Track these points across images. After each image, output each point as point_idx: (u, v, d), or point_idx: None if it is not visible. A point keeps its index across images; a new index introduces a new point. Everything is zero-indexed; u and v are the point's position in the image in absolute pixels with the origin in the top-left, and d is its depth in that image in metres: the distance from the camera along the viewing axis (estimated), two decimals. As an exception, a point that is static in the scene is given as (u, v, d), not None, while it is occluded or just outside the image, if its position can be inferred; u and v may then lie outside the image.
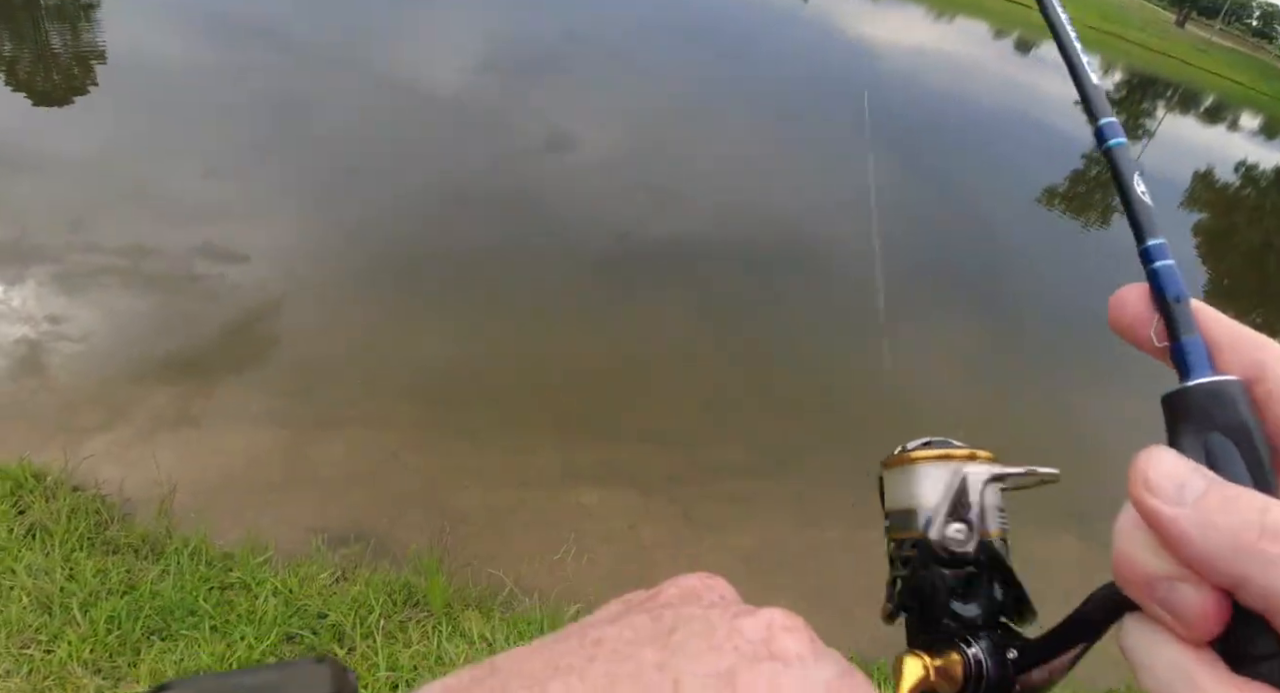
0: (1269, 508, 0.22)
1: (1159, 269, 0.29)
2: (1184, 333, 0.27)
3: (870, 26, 18.48)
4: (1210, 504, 0.23)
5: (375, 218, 4.78)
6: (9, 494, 2.31)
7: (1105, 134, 0.32)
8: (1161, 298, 0.28)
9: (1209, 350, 0.27)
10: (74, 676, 1.84)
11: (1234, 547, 0.22)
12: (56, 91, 6.30)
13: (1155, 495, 0.24)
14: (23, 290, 3.61)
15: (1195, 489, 0.24)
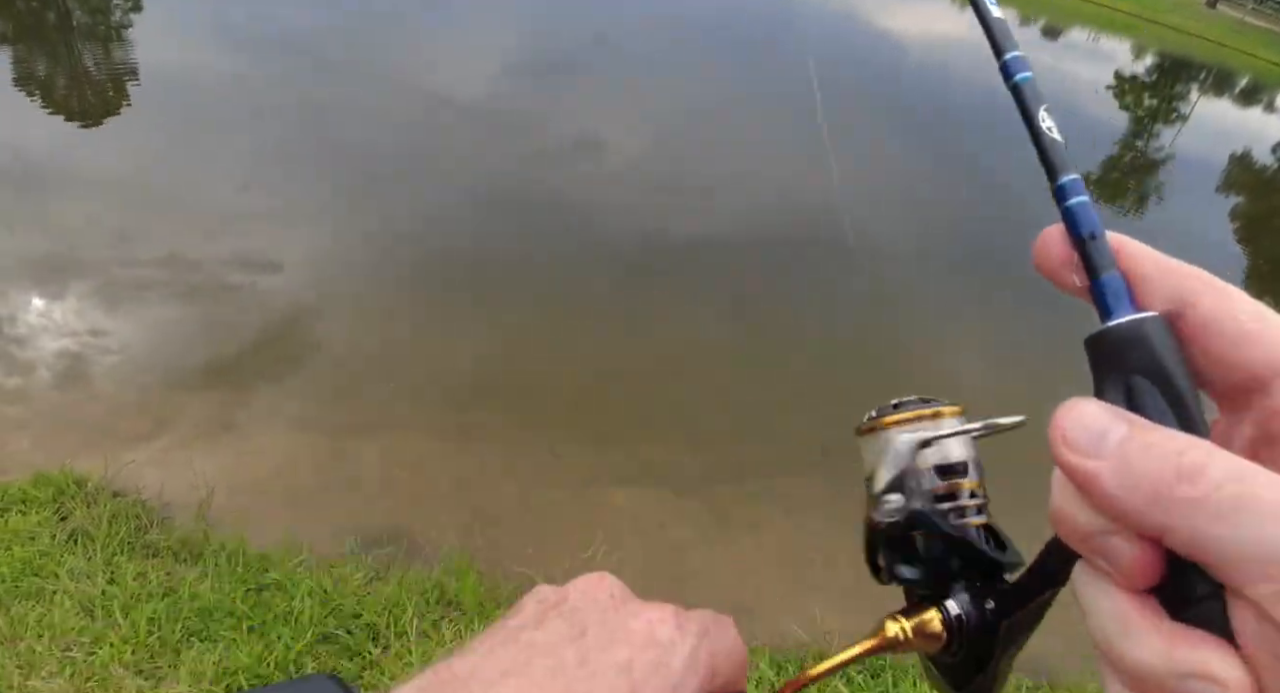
0: (1186, 450, 0.22)
1: (1073, 207, 0.28)
2: (1102, 271, 0.26)
3: (895, 19, 18.28)
4: (1128, 453, 0.22)
5: (405, 224, 4.83)
6: (51, 500, 2.37)
7: (1011, 69, 0.32)
8: (1077, 236, 0.27)
9: (1129, 287, 0.26)
10: (116, 677, 1.87)
11: (1152, 496, 0.21)
12: (92, 110, 6.45)
13: (1073, 450, 0.23)
14: (65, 305, 3.70)
15: (1113, 439, 0.23)
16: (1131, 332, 0.25)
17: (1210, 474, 0.21)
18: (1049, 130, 0.30)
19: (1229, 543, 0.20)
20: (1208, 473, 0.21)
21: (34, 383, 3.13)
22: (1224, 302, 0.25)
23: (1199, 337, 0.25)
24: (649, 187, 6.15)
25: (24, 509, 2.34)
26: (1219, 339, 0.24)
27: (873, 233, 5.93)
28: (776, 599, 2.51)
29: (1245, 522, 0.20)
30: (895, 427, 0.33)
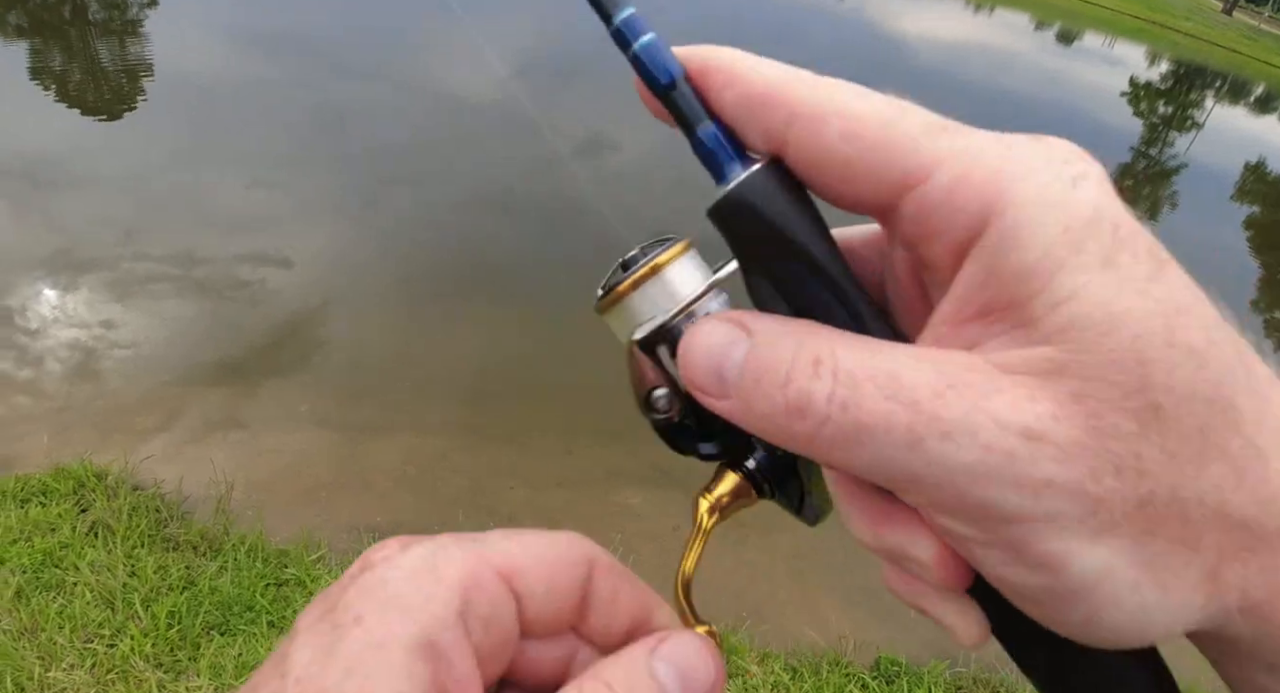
0: (792, 376, 0.19)
1: (640, 51, 0.22)
2: (695, 124, 0.22)
3: (908, 22, 18.25)
4: (746, 392, 0.20)
5: (417, 224, 4.85)
6: (71, 493, 2.39)
7: None
8: (654, 88, 0.22)
9: (733, 137, 0.22)
10: (136, 669, 1.89)
11: (780, 436, 0.20)
12: (106, 105, 6.49)
13: (702, 391, 0.21)
14: (77, 298, 3.73)
15: (731, 371, 0.20)
16: (744, 193, 0.21)
17: (816, 407, 0.19)
18: None
19: (853, 469, 0.20)
20: (814, 405, 0.19)
21: (47, 375, 3.16)
22: (810, 131, 0.20)
23: (810, 177, 0.21)
24: (665, 187, 6.15)
25: (44, 501, 2.36)
26: (824, 177, 0.21)
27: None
28: (789, 603, 2.51)
29: (858, 453, 0.19)
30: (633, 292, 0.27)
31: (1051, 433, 0.17)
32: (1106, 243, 0.18)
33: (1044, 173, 0.19)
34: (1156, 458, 0.18)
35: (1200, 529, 0.18)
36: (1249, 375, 0.18)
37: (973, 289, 0.19)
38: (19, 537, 2.22)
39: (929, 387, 0.18)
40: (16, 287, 3.75)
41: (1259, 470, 0.18)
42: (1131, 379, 0.17)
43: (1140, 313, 0.17)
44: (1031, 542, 0.18)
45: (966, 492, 0.18)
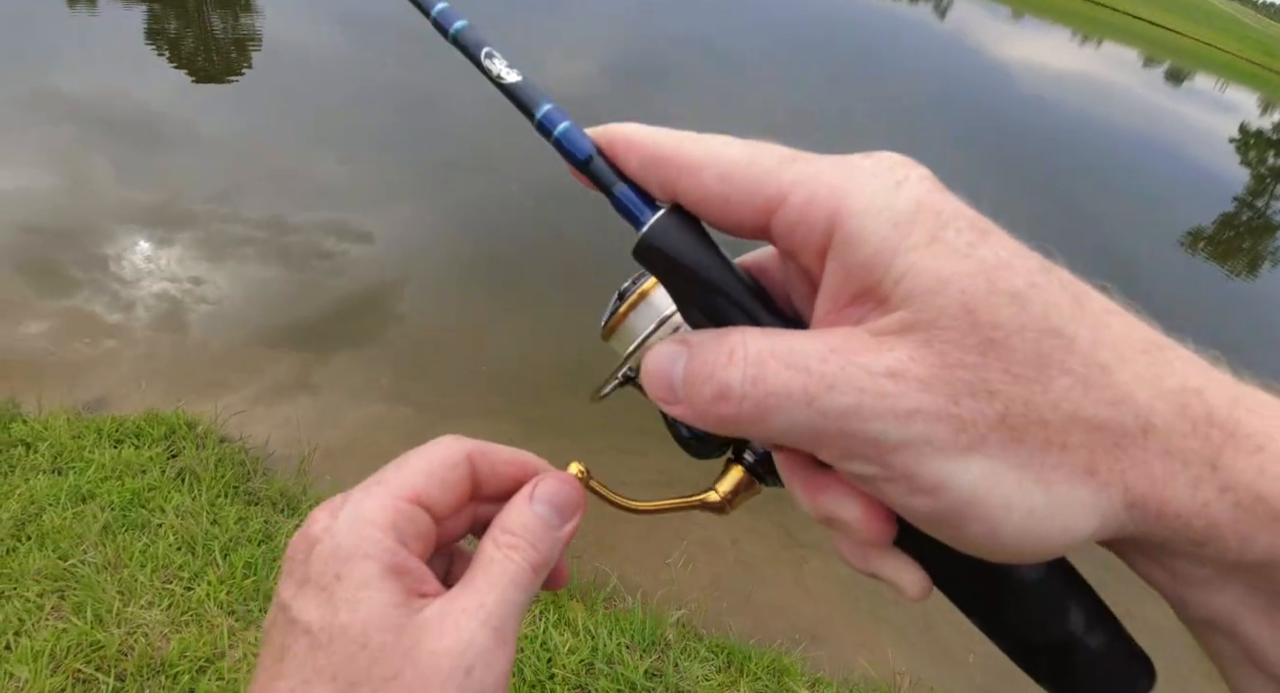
0: (715, 370, 0.23)
1: (560, 136, 0.28)
2: (612, 186, 0.27)
3: (1010, 46, 17.76)
4: (688, 393, 0.24)
5: (499, 210, 4.92)
6: (163, 438, 2.50)
7: (445, 21, 0.31)
8: (576, 163, 0.28)
9: (641, 192, 0.27)
10: (209, 614, 1.96)
11: (717, 423, 0.24)
12: (215, 72, 6.78)
13: (661, 401, 0.26)
14: (170, 252, 3.90)
15: (677, 379, 0.25)
16: (651, 238, 0.26)
17: (733, 389, 0.23)
18: (500, 75, 0.29)
19: (776, 438, 0.23)
20: (731, 387, 0.23)
21: (136, 322, 3.30)
22: (694, 178, 0.25)
23: (702, 216, 0.26)
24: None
25: (137, 443, 2.47)
26: (711, 215, 0.25)
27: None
28: (844, 629, 2.46)
29: (773, 421, 0.23)
30: (631, 314, 0.33)
31: (910, 371, 0.22)
32: (930, 225, 0.22)
33: (872, 183, 0.23)
34: (1002, 379, 0.21)
35: (1063, 431, 0.22)
36: (1079, 309, 0.22)
37: (836, 283, 0.23)
38: (110, 475, 2.33)
39: (816, 354, 0.22)
40: (115, 236, 3.95)
41: (1103, 380, 0.22)
42: (964, 323, 0.21)
43: (962, 271, 0.22)
44: (917, 467, 0.22)
45: (856, 431, 0.22)
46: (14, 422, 2.46)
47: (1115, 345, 0.22)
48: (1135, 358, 0.22)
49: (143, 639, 1.84)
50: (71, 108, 5.19)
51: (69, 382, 2.82)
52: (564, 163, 0.28)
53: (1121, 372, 0.22)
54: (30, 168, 4.39)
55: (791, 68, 10.86)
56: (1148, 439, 0.22)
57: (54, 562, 1.99)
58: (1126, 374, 0.22)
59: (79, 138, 4.86)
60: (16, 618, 1.85)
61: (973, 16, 23.02)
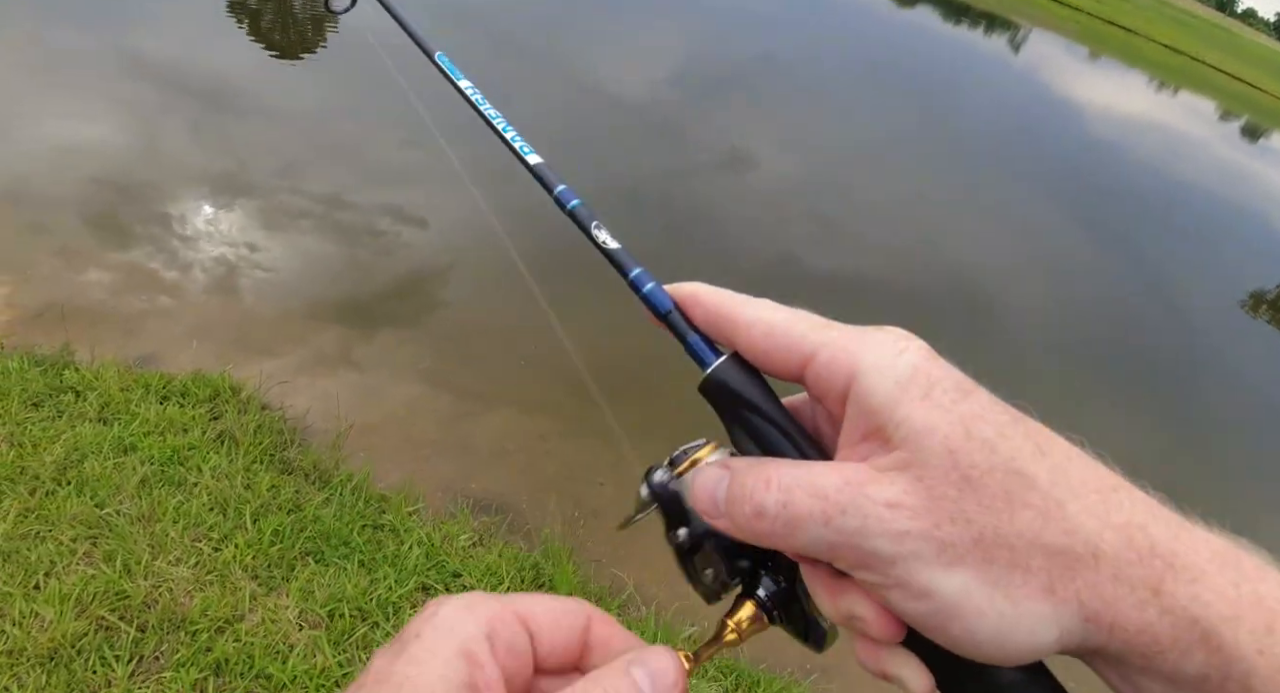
0: (754, 490, 0.30)
1: (646, 293, 0.35)
2: (685, 335, 0.34)
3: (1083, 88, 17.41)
4: (730, 510, 0.31)
5: (548, 207, 4.94)
6: (207, 399, 2.54)
7: (563, 199, 0.40)
8: (657, 314, 0.35)
9: (707, 339, 0.34)
10: (234, 576, 1.98)
11: (754, 535, 0.30)
12: (290, 47, 6.93)
13: (706, 515, 0.32)
14: (230, 217, 3.98)
15: (721, 497, 0.31)
16: (715, 378, 0.33)
17: (769, 508, 0.29)
18: (605, 242, 0.38)
19: (802, 549, 0.29)
20: (766, 509, 0.29)
21: (191, 283, 3.37)
22: (747, 333, 0.32)
23: (752, 361, 0.33)
24: (793, 212, 6.07)
25: (182, 402, 2.52)
26: (759, 361, 0.32)
27: (998, 304, 5.65)
28: (857, 667, 2.40)
29: (799, 536, 0.29)
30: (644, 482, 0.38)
31: (904, 501, 0.27)
32: (923, 385, 0.28)
33: (879, 349, 0.30)
34: (976, 510, 0.27)
35: (1026, 556, 0.27)
36: (1041, 454, 0.28)
37: (853, 424, 0.30)
38: (153, 430, 2.38)
39: (833, 485, 0.28)
40: (179, 197, 4.04)
41: (1059, 513, 0.27)
42: (946, 463, 0.27)
43: (946, 422, 0.27)
44: (910, 576, 0.27)
45: (863, 546, 0.28)
46: (66, 369, 2.53)
47: (1071, 485, 0.27)
48: (1088, 496, 0.27)
49: (167, 594, 1.87)
50: (151, 70, 5.35)
51: (122, 335, 2.89)
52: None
53: (1075, 506, 0.27)
54: (106, 123, 4.52)
55: (861, 98, 10.77)
56: (1098, 564, 0.26)
57: (90, 509, 2.03)
58: (1079, 509, 0.27)
59: (155, 99, 5.00)
60: (49, 559, 1.90)
61: (1050, 54, 22.62)
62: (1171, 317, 6.90)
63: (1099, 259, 7.50)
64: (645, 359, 3.29)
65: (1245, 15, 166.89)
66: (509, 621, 0.31)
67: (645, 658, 0.32)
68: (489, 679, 0.30)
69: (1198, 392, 5.57)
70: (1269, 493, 4.54)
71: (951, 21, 22.99)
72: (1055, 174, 9.94)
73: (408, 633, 0.30)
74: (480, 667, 0.29)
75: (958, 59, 16.61)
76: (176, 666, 1.73)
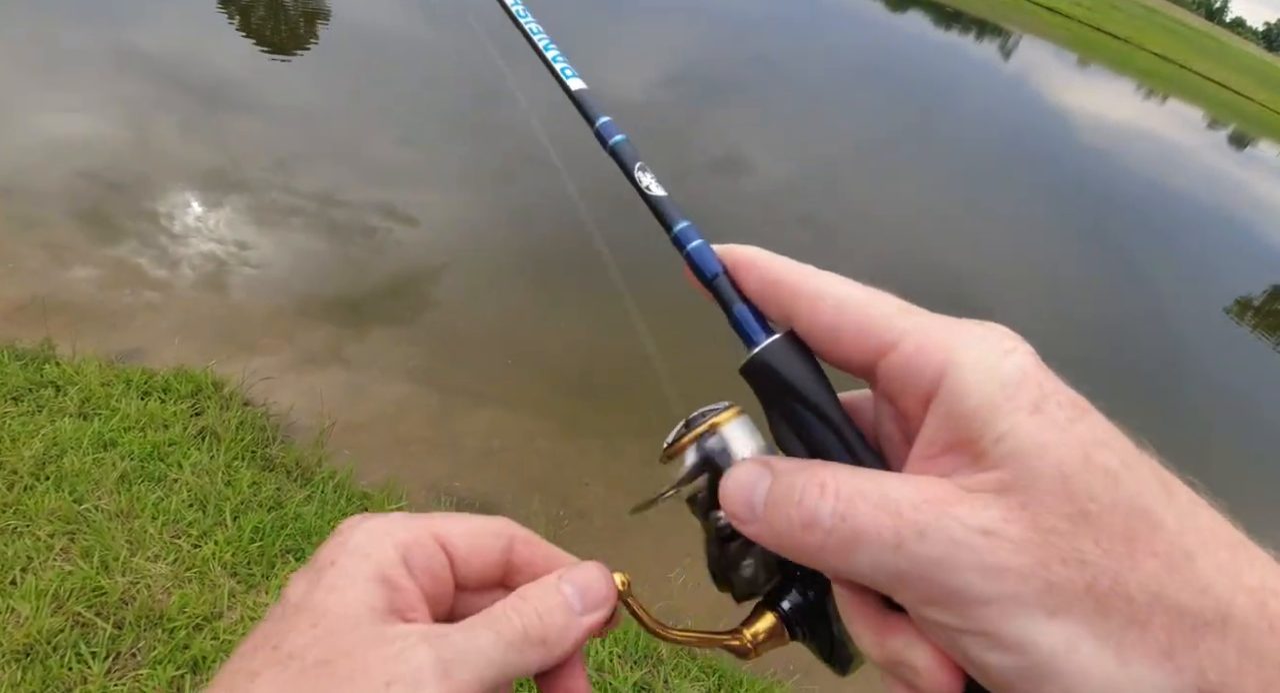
0: (803, 496, 0.25)
1: (691, 252, 0.30)
2: (731, 305, 0.29)
3: (1072, 96, 17.53)
4: (768, 515, 0.26)
5: (546, 206, 4.94)
6: (189, 395, 2.52)
7: (605, 133, 0.34)
8: (702, 278, 0.30)
9: (758, 313, 0.29)
10: (213, 573, 1.97)
11: (793, 548, 0.25)
12: (282, 43, 6.89)
13: (736, 519, 0.27)
14: (220, 214, 3.95)
15: (758, 500, 0.26)
16: (764, 360, 0.28)
17: (821, 520, 0.24)
18: (649, 187, 0.32)
19: (855, 574, 0.24)
20: (820, 519, 0.24)
21: (179, 279, 3.34)
22: (811, 308, 0.27)
23: (812, 344, 0.28)
24: (786, 216, 6.09)
25: (163, 398, 2.50)
26: (821, 344, 0.27)
27: (985, 308, 5.68)
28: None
29: (857, 557, 0.24)
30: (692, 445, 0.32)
31: (1004, 531, 0.22)
32: (1034, 394, 0.23)
33: (982, 346, 0.25)
34: (1093, 551, 0.22)
35: (1147, 611, 0.22)
36: (1168, 495, 0.23)
37: (936, 431, 0.25)
38: (133, 425, 2.36)
39: (909, 501, 0.23)
40: (168, 193, 4.02)
41: (1187, 566, 0.22)
42: (1060, 491, 0.22)
43: (1061, 444, 0.23)
44: (1001, 623, 0.22)
45: (942, 581, 0.23)
46: (47, 363, 2.50)
47: (1201, 535, 0.23)
48: (1218, 550, 0.23)
49: (145, 591, 1.86)
50: (142, 64, 5.31)
51: (106, 330, 2.87)
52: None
53: (1205, 561, 0.23)
54: (96, 117, 4.49)
55: (852, 103, 10.82)
56: (1226, 631, 0.22)
57: (68, 504, 2.01)
58: (1210, 564, 0.23)
59: (146, 94, 4.96)
60: (25, 555, 1.88)
61: (1040, 60, 22.77)
62: (1157, 322, 6.95)
63: (1087, 265, 7.55)
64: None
65: (1234, 24, 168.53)
66: (425, 542, 0.31)
67: (575, 574, 0.32)
68: (410, 601, 0.29)
69: (1182, 397, 5.61)
70: (1257, 500, 4.57)
71: (943, 27, 23.12)
72: (1044, 180, 10.00)
73: (323, 559, 0.29)
74: (399, 591, 0.29)
75: (948, 65, 16.70)
76: (153, 663, 1.72)
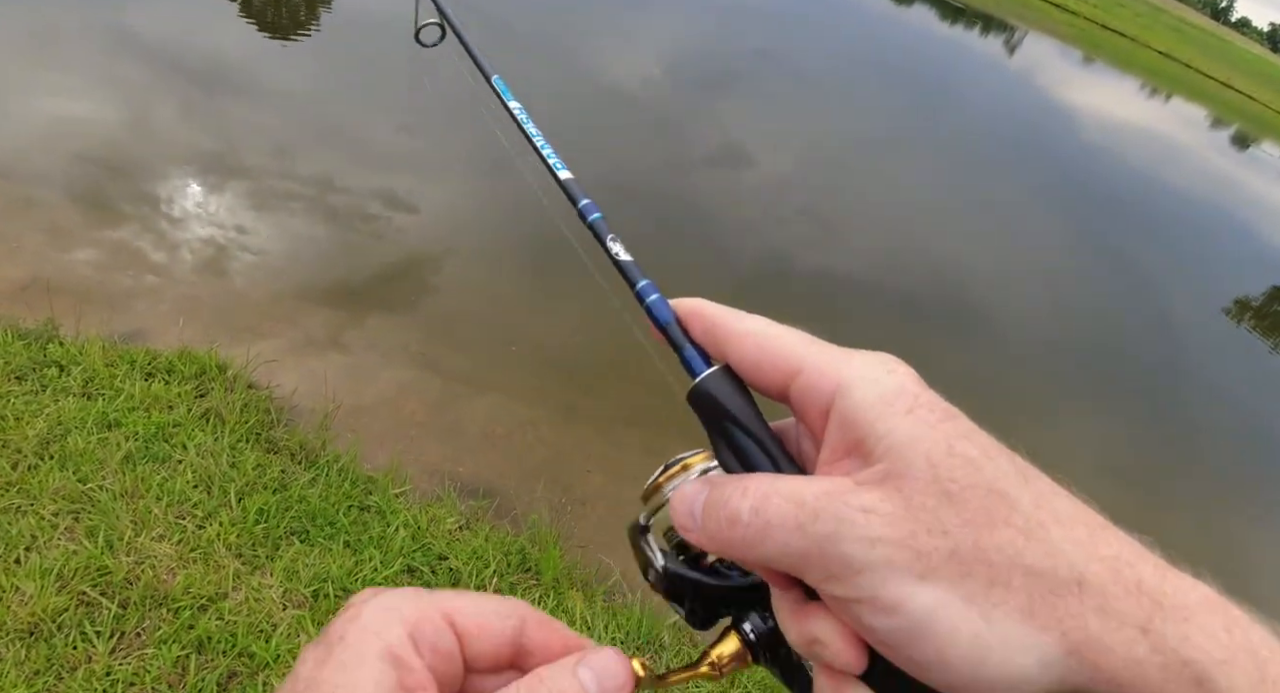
0: (729, 498, 0.29)
1: (650, 304, 0.36)
2: (681, 347, 0.35)
3: (1077, 93, 17.49)
4: (704, 521, 0.30)
5: (539, 196, 4.93)
6: (193, 377, 2.52)
7: (586, 212, 0.43)
8: (657, 325, 0.36)
9: (703, 352, 0.34)
10: (217, 554, 1.97)
11: (725, 544, 0.30)
12: (282, 27, 6.85)
13: (682, 529, 0.31)
14: (220, 199, 3.94)
15: (697, 510, 0.31)
16: (702, 388, 0.33)
17: (742, 515, 0.29)
18: (618, 254, 0.40)
19: (769, 558, 0.29)
20: (740, 515, 0.29)
21: (179, 263, 3.34)
22: (739, 344, 0.32)
23: (742, 375, 0.33)
24: (786, 210, 6.08)
25: (167, 379, 2.50)
26: (748, 374, 0.32)
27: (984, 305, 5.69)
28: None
29: (768, 543, 0.28)
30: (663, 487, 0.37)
31: (880, 509, 0.26)
32: (910, 402, 0.28)
33: (869, 367, 0.30)
34: (955, 523, 0.26)
35: (1005, 572, 0.25)
36: (1025, 481, 0.27)
37: (835, 438, 0.29)
38: (138, 406, 2.36)
39: (810, 493, 0.28)
40: (169, 177, 4.00)
41: (1041, 535, 0.26)
42: (927, 475, 0.26)
43: (929, 437, 0.27)
44: (880, 588, 0.26)
45: (832, 552, 0.27)
46: (50, 342, 2.50)
47: (1056, 514, 0.27)
48: (1074, 527, 0.27)
49: (149, 571, 1.86)
50: (142, 46, 5.28)
51: (108, 311, 2.86)
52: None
53: (1058, 532, 0.26)
54: (95, 100, 4.46)
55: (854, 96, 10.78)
56: (1083, 594, 0.25)
57: (73, 484, 2.01)
58: (1063, 536, 0.26)
59: (146, 77, 4.94)
60: (30, 534, 1.88)
61: (1045, 57, 22.71)
62: (1155, 322, 6.96)
63: (1086, 263, 7.55)
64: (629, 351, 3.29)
65: (1239, 24, 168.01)
66: (434, 620, 0.31)
67: (593, 659, 0.32)
68: (419, 681, 0.30)
69: (1179, 396, 5.63)
70: (1251, 497, 4.60)
71: (948, 21, 23.04)
72: (1045, 177, 9.99)
73: (332, 634, 0.30)
74: (408, 670, 0.29)
75: (953, 60, 16.65)
76: (158, 642, 1.72)
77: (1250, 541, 4.15)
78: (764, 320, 0.33)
